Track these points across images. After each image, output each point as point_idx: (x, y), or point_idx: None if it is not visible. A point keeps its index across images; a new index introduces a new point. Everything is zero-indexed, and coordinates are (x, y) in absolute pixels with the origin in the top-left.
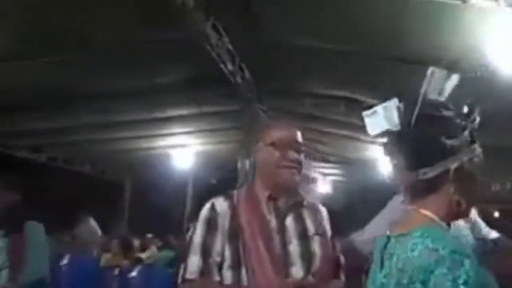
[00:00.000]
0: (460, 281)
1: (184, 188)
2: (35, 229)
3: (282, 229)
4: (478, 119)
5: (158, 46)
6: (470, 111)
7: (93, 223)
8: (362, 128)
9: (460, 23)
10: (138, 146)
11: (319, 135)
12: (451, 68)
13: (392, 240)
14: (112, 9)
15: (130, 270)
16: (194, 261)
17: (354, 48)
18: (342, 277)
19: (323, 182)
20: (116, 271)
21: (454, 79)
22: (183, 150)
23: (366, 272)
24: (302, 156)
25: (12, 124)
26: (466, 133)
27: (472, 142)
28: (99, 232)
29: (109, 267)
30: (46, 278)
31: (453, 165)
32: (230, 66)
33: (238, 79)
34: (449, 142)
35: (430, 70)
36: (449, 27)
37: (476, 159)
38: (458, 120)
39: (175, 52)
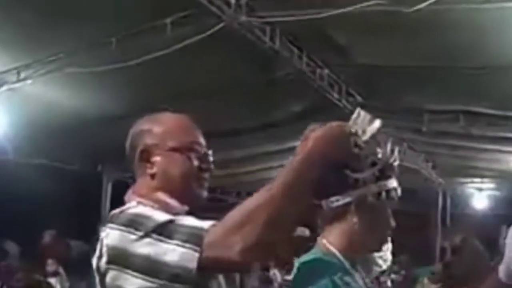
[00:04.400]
0: None
1: None
2: None
3: None
4: (396, 159)
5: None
6: (389, 151)
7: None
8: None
9: None
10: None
11: (452, 149)
12: None
13: None
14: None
15: None
16: None
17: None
18: None
19: (479, 197)
20: None
21: (377, 123)
22: None
23: None
24: None
25: None
26: (375, 169)
27: (383, 178)
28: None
29: None
30: None
31: (355, 197)
32: (336, 94)
33: (347, 105)
34: (352, 175)
35: (356, 111)
36: None
37: (385, 194)
38: (367, 157)
39: (285, 88)
